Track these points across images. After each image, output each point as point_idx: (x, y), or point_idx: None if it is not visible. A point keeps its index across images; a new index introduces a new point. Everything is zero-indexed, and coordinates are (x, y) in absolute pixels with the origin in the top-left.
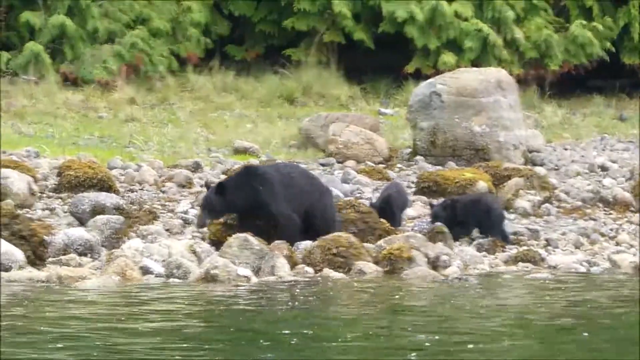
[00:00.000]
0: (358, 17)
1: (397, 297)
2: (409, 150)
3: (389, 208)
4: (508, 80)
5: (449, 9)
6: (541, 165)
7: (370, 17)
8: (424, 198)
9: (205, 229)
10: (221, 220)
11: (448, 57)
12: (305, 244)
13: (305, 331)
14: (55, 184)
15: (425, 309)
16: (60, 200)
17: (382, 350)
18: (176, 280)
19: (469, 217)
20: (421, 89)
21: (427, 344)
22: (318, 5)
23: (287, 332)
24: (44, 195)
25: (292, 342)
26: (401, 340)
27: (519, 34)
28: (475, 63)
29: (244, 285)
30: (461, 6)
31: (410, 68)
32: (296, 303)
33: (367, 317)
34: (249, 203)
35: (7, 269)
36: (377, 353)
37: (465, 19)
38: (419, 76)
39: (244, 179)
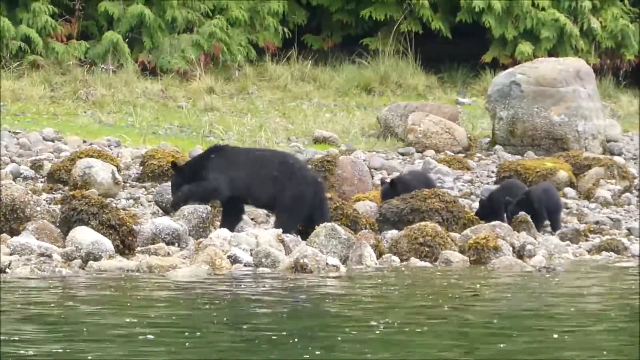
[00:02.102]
0: (435, 6)
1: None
2: (488, 139)
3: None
4: (586, 70)
5: None
6: (619, 154)
7: (448, 6)
8: None
9: None
10: None
11: (525, 47)
12: (392, 233)
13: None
14: (138, 173)
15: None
16: (143, 189)
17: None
18: (265, 269)
19: (542, 206)
20: (500, 78)
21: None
22: None
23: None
24: (127, 184)
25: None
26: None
27: (595, 23)
28: (552, 53)
29: (333, 274)
30: None
31: (487, 57)
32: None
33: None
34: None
35: (97, 259)
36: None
37: (542, 9)
38: (496, 65)
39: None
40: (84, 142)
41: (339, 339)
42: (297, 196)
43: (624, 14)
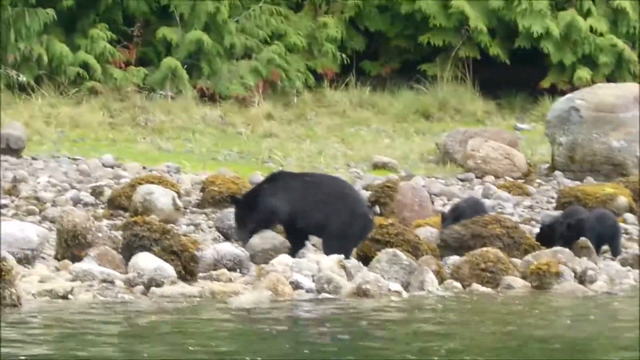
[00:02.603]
0: (493, 32)
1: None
2: (547, 165)
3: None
4: None
5: (585, 24)
6: None
7: (506, 32)
8: None
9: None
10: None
11: (583, 73)
12: (454, 259)
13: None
14: (198, 200)
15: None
16: (204, 215)
17: None
18: (327, 295)
19: (593, 233)
20: (560, 104)
21: None
22: (454, 20)
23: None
24: (188, 210)
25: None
26: None
27: None
28: (610, 78)
29: (396, 300)
30: (596, 21)
31: (545, 83)
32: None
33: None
34: None
35: (159, 285)
36: None
37: (601, 34)
38: (554, 91)
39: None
40: (144, 168)
41: None
42: (346, 226)
43: None
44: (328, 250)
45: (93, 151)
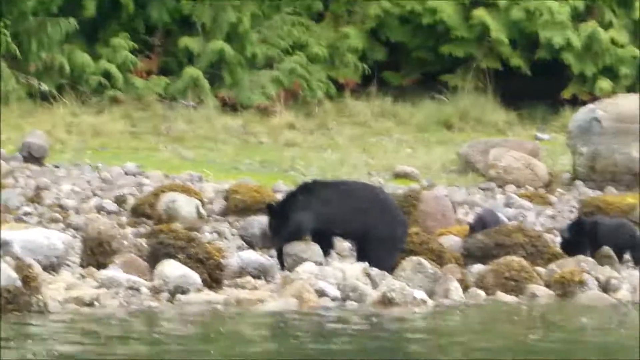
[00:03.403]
0: (514, 43)
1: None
2: (569, 175)
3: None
4: None
5: (605, 35)
6: None
7: (527, 43)
8: None
9: None
10: None
11: (604, 84)
12: (478, 268)
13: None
14: (221, 208)
15: None
16: (227, 223)
17: None
18: (353, 303)
19: (610, 241)
20: (581, 114)
21: None
22: (475, 32)
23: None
24: (211, 218)
25: None
26: None
27: None
28: (631, 89)
29: (421, 309)
30: (617, 33)
31: (566, 94)
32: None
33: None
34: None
35: (185, 292)
36: None
37: (622, 46)
38: (575, 102)
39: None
40: (166, 176)
41: None
42: (390, 232)
43: None
44: (374, 258)
45: (115, 159)
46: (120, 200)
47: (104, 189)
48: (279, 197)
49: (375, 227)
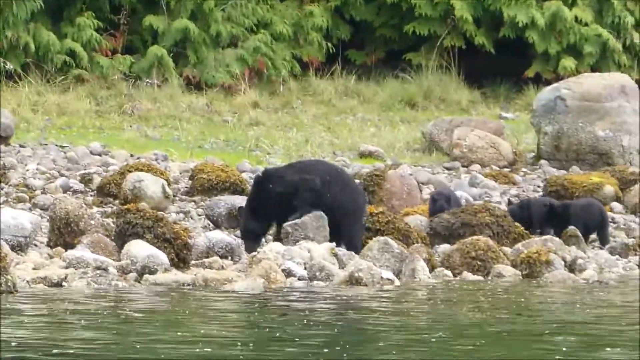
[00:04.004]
0: (479, 22)
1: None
2: (533, 154)
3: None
4: (631, 86)
5: (570, 14)
6: None
7: (491, 21)
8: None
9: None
10: None
11: (568, 62)
12: (444, 248)
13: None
14: (187, 187)
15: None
16: (193, 203)
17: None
18: (320, 282)
19: (579, 221)
20: (545, 93)
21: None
22: (439, 10)
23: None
24: (177, 198)
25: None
26: None
27: (637, 39)
28: (595, 68)
29: (388, 288)
30: (581, 11)
31: (530, 72)
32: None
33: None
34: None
35: (153, 272)
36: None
37: (586, 24)
38: (539, 81)
39: (263, 189)
40: (131, 156)
41: (394, 352)
42: (354, 203)
43: None
44: (345, 232)
45: (80, 139)
46: (86, 180)
47: (70, 168)
48: (246, 176)
49: (340, 199)
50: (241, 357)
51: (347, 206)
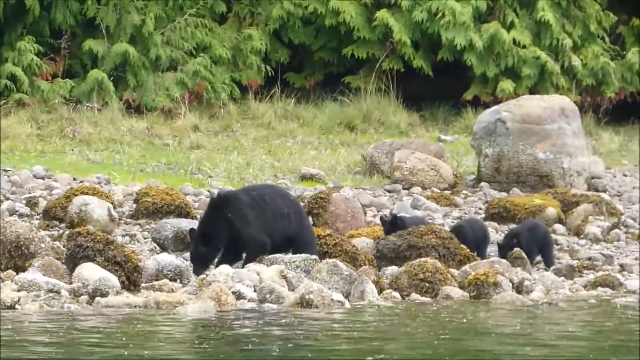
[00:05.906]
0: (417, 45)
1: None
2: (473, 176)
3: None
4: (571, 108)
5: (508, 36)
6: (603, 191)
7: (429, 44)
8: (495, 224)
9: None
10: None
11: (506, 84)
12: (392, 269)
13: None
14: (131, 211)
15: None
16: (138, 226)
17: None
18: (271, 305)
19: (531, 244)
20: (486, 116)
21: None
22: (378, 33)
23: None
24: (122, 221)
25: None
26: None
27: (576, 61)
28: (533, 90)
29: (339, 310)
30: (519, 34)
31: (468, 95)
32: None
33: None
34: (228, 235)
35: (104, 295)
36: None
37: (524, 47)
38: (477, 103)
39: (216, 213)
40: (74, 179)
41: None
42: (311, 234)
43: (604, 51)
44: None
45: (23, 162)
46: (32, 203)
47: (15, 192)
48: (189, 199)
49: (300, 232)
50: None
51: (307, 238)
